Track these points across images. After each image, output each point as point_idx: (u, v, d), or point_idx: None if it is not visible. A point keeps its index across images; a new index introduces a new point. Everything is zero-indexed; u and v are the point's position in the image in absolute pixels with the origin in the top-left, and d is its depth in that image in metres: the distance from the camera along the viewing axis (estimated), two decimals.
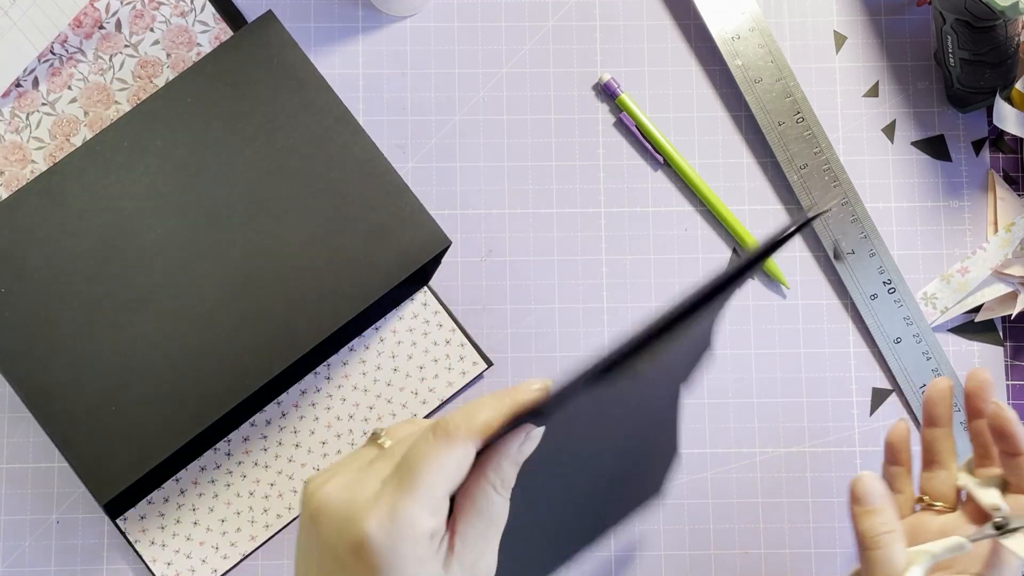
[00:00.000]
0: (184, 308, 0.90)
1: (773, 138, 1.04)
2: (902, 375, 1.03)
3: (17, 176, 1.01)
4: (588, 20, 1.07)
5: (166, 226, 0.91)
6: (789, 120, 1.04)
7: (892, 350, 1.03)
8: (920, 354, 1.03)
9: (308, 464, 1.00)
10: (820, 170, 1.04)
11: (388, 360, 1.01)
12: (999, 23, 0.99)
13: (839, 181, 1.04)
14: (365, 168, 0.93)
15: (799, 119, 1.04)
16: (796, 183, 1.04)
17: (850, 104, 1.07)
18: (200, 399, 0.89)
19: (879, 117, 1.07)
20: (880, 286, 1.03)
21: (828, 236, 1.04)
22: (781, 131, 1.04)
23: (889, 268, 1.03)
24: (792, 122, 1.04)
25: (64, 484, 1.00)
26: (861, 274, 1.03)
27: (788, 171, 1.04)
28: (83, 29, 1.02)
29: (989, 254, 1.03)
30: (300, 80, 0.94)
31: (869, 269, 1.03)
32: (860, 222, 1.04)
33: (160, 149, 0.93)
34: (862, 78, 1.07)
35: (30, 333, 0.89)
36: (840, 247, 1.04)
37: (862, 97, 1.07)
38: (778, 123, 1.04)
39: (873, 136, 1.06)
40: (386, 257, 0.92)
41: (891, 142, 1.06)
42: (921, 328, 1.03)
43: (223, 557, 0.99)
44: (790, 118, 1.04)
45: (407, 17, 1.06)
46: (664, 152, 1.04)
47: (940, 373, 1.03)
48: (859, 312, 1.04)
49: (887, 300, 1.03)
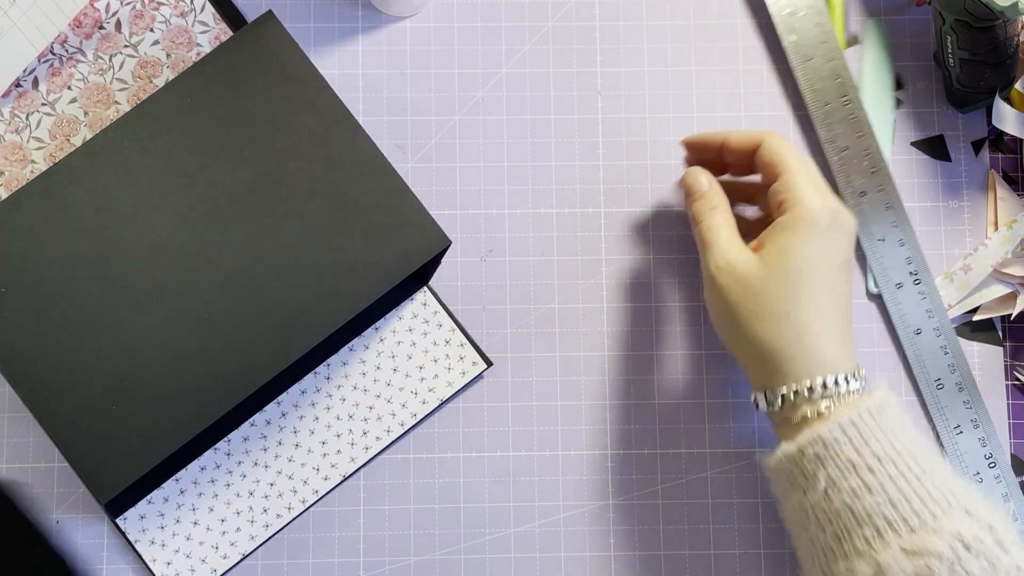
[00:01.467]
0: (184, 308, 0.90)
1: (818, 117, 1.05)
2: (919, 367, 1.03)
3: (17, 176, 1.01)
4: (588, 20, 1.07)
5: (166, 226, 0.91)
6: (836, 101, 1.05)
7: (911, 341, 1.03)
8: (938, 348, 1.03)
9: (308, 464, 1.00)
10: (861, 154, 1.04)
11: (388, 360, 1.01)
12: (999, 23, 0.99)
13: (877, 168, 1.04)
14: (365, 168, 0.93)
15: (845, 101, 1.05)
16: (835, 164, 1.04)
17: None
18: (200, 399, 0.89)
19: None
20: (906, 276, 1.03)
21: (861, 219, 1.04)
22: (827, 111, 1.05)
23: (916, 259, 1.03)
24: (839, 103, 1.05)
25: (64, 484, 1.00)
26: (890, 262, 1.03)
27: (829, 152, 1.04)
28: (83, 29, 1.02)
29: (991, 251, 1.03)
30: (300, 80, 0.94)
31: (898, 258, 1.03)
32: (894, 210, 1.04)
33: (160, 149, 0.93)
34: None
35: (30, 333, 0.89)
36: (870, 230, 1.04)
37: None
38: (824, 103, 1.05)
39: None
40: (386, 257, 0.92)
41: (891, 142, 1.06)
42: (942, 323, 1.03)
43: (223, 557, 0.99)
44: (837, 99, 1.05)
45: (407, 17, 1.06)
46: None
47: (956, 369, 1.03)
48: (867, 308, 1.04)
49: (912, 291, 1.03)
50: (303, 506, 1.00)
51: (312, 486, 1.00)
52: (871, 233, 1.04)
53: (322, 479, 1.00)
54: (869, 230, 1.04)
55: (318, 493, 1.00)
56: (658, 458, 1.02)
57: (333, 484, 1.00)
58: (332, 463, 1.00)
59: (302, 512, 1.00)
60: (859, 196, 1.04)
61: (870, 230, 1.04)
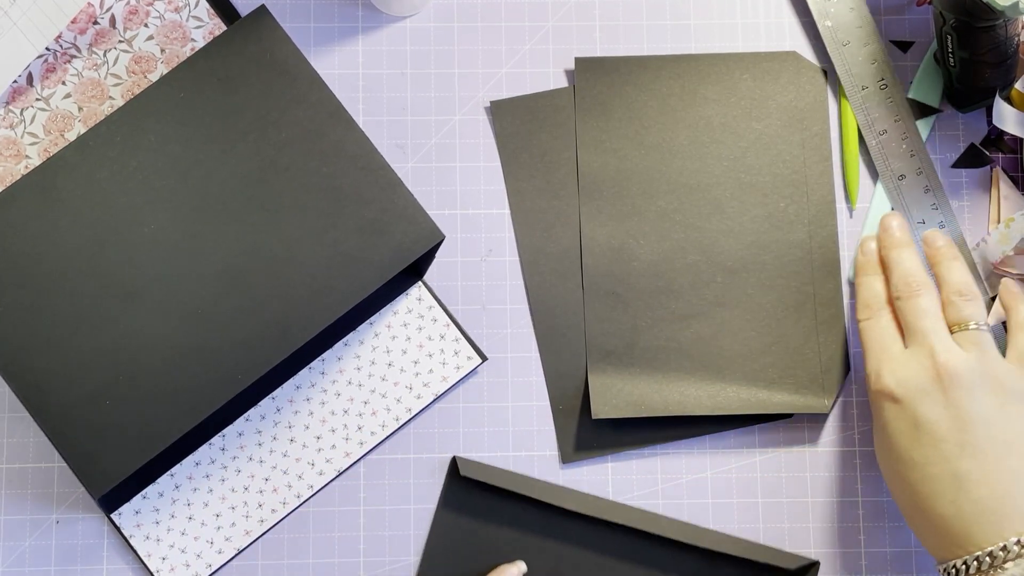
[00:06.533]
0: (178, 303, 0.91)
1: (856, 102, 1.05)
2: None
3: (11, 172, 1.01)
4: (588, 20, 1.07)
5: (159, 221, 0.92)
6: (873, 85, 1.05)
7: None
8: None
9: (302, 459, 1.00)
10: (899, 138, 1.04)
11: (382, 355, 1.01)
12: (999, 23, 0.98)
13: (916, 151, 1.04)
14: (358, 163, 0.93)
15: (883, 85, 1.05)
16: (874, 148, 1.05)
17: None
18: (194, 393, 0.89)
19: None
20: None
21: (900, 203, 1.04)
22: (864, 95, 1.05)
23: (957, 241, 1.04)
24: (876, 87, 1.05)
25: (64, 484, 1.00)
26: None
27: (868, 135, 1.05)
28: (77, 25, 1.03)
29: (990, 248, 1.03)
30: (293, 75, 0.94)
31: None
32: (933, 193, 1.04)
33: (153, 144, 0.93)
34: None
35: (24, 328, 0.89)
36: (910, 213, 1.04)
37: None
38: (862, 87, 1.05)
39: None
40: (380, 252, 0.92)
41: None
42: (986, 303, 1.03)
43: (218, 552, 0.99)
44: (874, 83, 1.05)
45: (407, 17, 1.06)
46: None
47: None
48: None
49: None
50: (298, 501, 1.00)
51: (307, 481, 1.00)
52: (911, 216, 1.04)
53: (317, 474, 1.00)
54: (909, 213, 1.04)
55: (313, 488, 1.00)
56: (658, 458, 1.02)
57: (328, 479, 1.00)
58: (327, 458, 1.00)
59: (297, 507, 1.00)
60: (898, 179, 1.04)
61: (910, 213, 1.04)
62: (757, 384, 1.01)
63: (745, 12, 1.08)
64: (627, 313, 1.02)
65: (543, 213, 1.03)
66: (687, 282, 1.03)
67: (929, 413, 0.90)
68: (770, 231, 1.03)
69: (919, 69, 1.07)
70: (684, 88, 1.05)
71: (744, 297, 1.02)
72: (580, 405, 1.02)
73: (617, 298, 1.02)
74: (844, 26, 1.06)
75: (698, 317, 1.02)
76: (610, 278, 1.03)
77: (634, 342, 1.02)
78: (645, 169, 1.04)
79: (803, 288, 1.03)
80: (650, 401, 1.00)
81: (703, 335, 1.02)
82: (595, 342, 1.02)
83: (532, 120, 1.05)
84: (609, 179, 1.04)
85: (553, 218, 1.03)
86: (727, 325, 1.02)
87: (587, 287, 1.02)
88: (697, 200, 1.04)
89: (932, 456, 0.89)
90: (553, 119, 1.05)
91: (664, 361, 1.01)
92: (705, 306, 1.02)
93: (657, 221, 1.03)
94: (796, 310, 1.03)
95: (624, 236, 1.03)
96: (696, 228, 1.03)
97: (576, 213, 1.04)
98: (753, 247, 1.03)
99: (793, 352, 1.02)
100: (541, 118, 1.05)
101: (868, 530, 1.01)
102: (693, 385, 1.01)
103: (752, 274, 1.03)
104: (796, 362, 1.02)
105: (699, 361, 1.01)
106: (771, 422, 1.02)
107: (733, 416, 1.02)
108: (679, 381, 1.01)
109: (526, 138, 1.05)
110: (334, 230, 0.92)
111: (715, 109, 1.05)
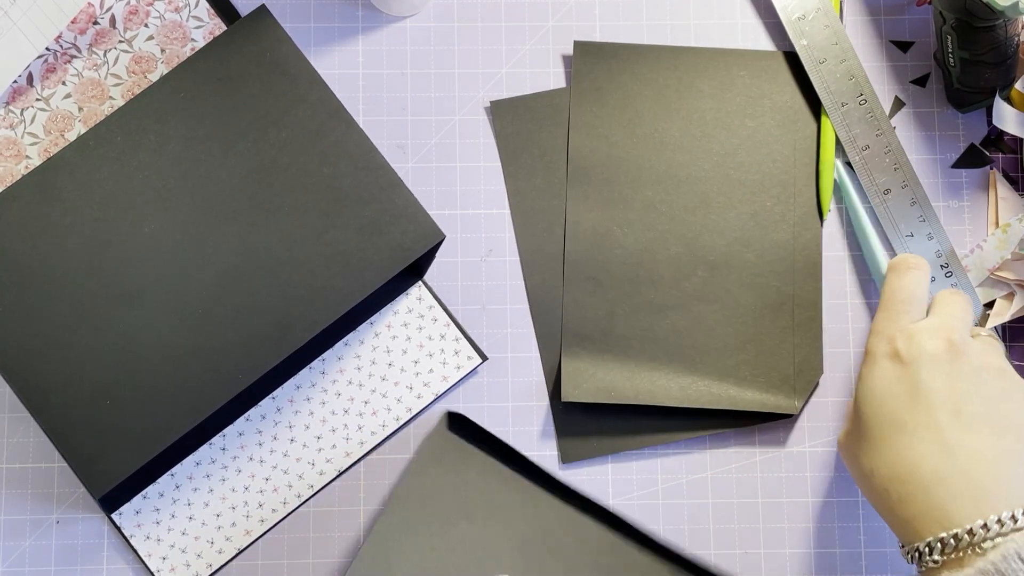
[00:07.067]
0: (178, 302, 0.91)
1: (837, 119, 1.05)
2: None
3: (11, 172, 1.01)
4: (588, 20, 1.07)
5: (159, 221, 0.92)
6: (852, 102, 1.05)
7: None
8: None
9: (303, 459, 1.00)
10: (882, 152, 1.04)
11: (383, 355, 1.01)
12: (999, 23, 0.98)
13: (899, 164, 1.04)
14: (359, 162, 0.93)
15: (862, 101, 1.05)
16: (858, 163, 1.04)
17: None
18: (194, 393, 0.89)
19: None
20: (938, 269, 1.03)
21: (888, 217, 1.04)
22: (844, 112, 1.05)
23: (946, 252, 1.03)
24: (855, 103, 1.05)
25: (64, 484, 1.00)
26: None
27: (850, 152, 1.04)
28: (77, 25, 1.03)
29: (987, 253, 1.02)
30: (293, 75, 0.94)
31: (928, 252, 1.03)
32: (919, 205, 1.04)
33: (153, 144, 0.93)
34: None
35: (24, 327, 0.90)
36: (898, 227, 1.04)
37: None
38: (841, 104, 1.05)
39: None
40: (380, 251, 0.92)
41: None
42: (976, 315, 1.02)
43: (218, 551, 0.99)
44: (853, 99, 1.05)
45: (407, 17, 1.06)
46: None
47: None
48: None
49: (944, 284, 1.02)
50: (299, 501, 1.00)
51: (307, 481, 1.00)
52: (899, 230, 1.04)
53: (317, 474, 1.00)
54: (897, 227, 1.04)
55: (313, 488, 1.00)
56: (659, 458, 1.02)
57: (328, 479, 1.00)
58: (327, 458, 1.00)
59: (297, 507, 1.00)
60: (884, 194, 1.04)
61: (898, 227, 1.04)
62: (729, 380, 1.01)
63: (745, 13, 1.08)
64: (605, 299, 1.02)
65: (543, 213, 1.04)
66: (668, 274, 1.03)
67: (932, 381, 0.89)
68: (755, 229, 1.04)
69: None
70: (680, 80, 1.06)
71: (723, 293, 1.03)
72: (580, 404, 1.02)
73: (597, 284, 1.02)
74: (819, 44, 1.06)
75: (676, 309, 1.02)
76: (591, 264, 1.03)
77: (610, 329, 1.02)
78: (635, 158, 1.04)
79: (783, 288, 1.03)
80: (621, 388, 1.00)
81: (679, 327, 1.02)
82: (571, 326, 1.02)
83: (532, 120, 1.05)
84: (598, 165, 1.04)
85: (553, 218, 1.03)
86: (704, 319, 1.02)
87: (567, 271, 1.03)
88: (684, 193, 1.04)
89: (925, 421, 0.88)
90: (553, 119, 1.05)
91: (638, 350, 1.02)
92: (684, 299, 1.02)
93: (643, 211, 1.03)
94: (774, 310, 1.03)
95: (608, 223, 1.03)
96: (681, 220, 1.03)
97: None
98: (736, 244, 1.03)
99: (768, 351, 1.02)
100: (541, 118, 1.05)
101: (868, 530, 1.01)
102: (665, 376, 1.01)
103: (733, 270, 1.03)
104: (770, 362, 1.02)
105: (673, 353, 1.02)
106: (771, 422, 1.02)
107: (728, 412, 1.02)
108: (651, 371, 1.01)
109: (526, 138, 1.05)
110: (334, 230, 0.92)
111: (710, 103, 1.05)
